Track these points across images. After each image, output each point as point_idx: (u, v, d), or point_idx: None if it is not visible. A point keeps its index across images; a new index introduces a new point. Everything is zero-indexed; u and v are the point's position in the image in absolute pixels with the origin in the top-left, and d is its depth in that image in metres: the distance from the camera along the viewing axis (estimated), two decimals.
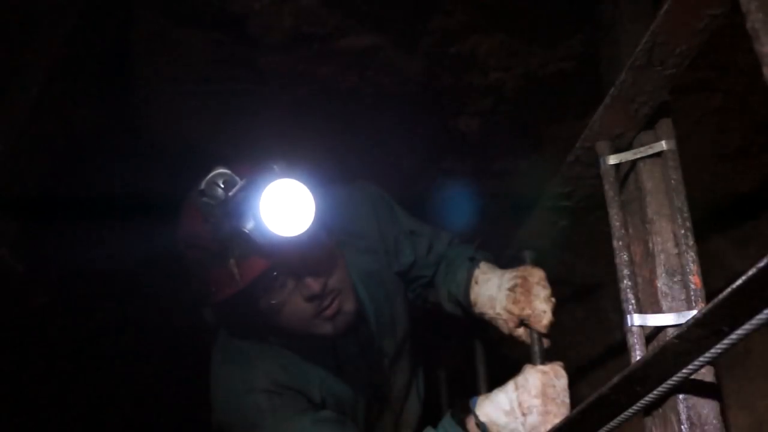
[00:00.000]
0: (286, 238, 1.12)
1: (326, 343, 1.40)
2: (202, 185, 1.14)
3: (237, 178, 1.14)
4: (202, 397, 1.47)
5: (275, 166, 1.20)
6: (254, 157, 1.28)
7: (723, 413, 1.05)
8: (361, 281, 1.49)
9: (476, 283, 1.52)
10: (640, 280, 1.23)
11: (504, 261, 1.69)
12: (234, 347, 1.41)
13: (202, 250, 1.19)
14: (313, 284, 1.22)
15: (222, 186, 1.13)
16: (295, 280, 1.22)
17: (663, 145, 1.22)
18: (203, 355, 1.47)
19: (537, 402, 1.21)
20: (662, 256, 1.18)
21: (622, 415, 0.99)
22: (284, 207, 1.13)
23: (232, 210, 1.12)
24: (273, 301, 1.23)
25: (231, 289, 1.19)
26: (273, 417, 1.31)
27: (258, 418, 1.31)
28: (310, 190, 1.17)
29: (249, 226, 1.12)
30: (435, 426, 1.32)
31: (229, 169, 1.16)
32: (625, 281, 1.20)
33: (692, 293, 1.10)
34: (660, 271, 1.17)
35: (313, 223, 1.15)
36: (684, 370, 0.79)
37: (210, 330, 1.47)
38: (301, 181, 1.18)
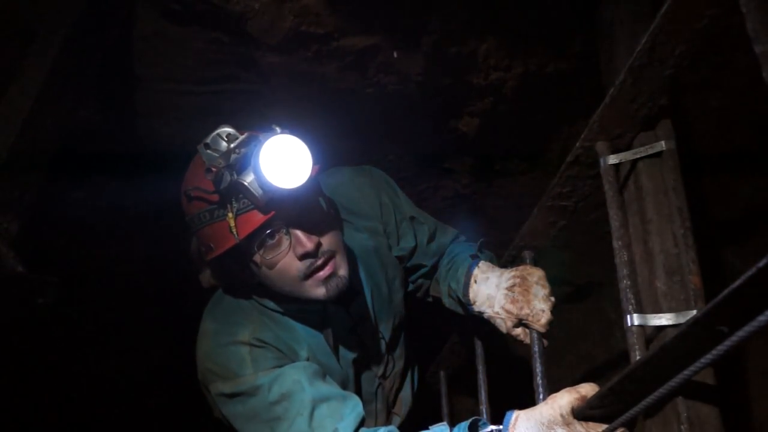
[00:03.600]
0: (284, 190, 1.16)
1: (317, 308, 1.41)
2: (208, 138, 1.20)
3: (239, 134, 1.21)
4: (202, 395, 1.47)
5: (277, 128, 1.24)
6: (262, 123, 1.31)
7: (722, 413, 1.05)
8: (359, 257, 1.50)
9: (475, 282, 1.52)
10: (640, 280, 1.23)
11: (504, 261, 1.69)
12: (223, 307, 1.43)
13: (203, 201, 1.23)
14: (307, 242, 1.25)
15: (225, 139, 1.19)
16: (290, 238, 1.24)
17: (663, 145, 1.22)
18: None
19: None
20: (662, 256, 1.18)
21: (623, 416, 0.99)
22: (283, 160, 1.17)
23: (233, 162, 1.17)
24: (268, 257, 1.26)
25: (228, 243, 1.23)
26: (253, 366, 1.33)
27: (237, 368, 1.33)
28: (314, 154, 1.23)
29: (248, 179, 1.17)
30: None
31: (234, 128, 1.22)
32: (625, 281, 1.20)
33: (692, 293, 1.10)
34: (660, 271, 1.17)
35: (310, 178, 1.19)
36: (684, 372, 0.79)
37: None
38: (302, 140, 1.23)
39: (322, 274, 1.29)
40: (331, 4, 1.59)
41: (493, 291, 1.48)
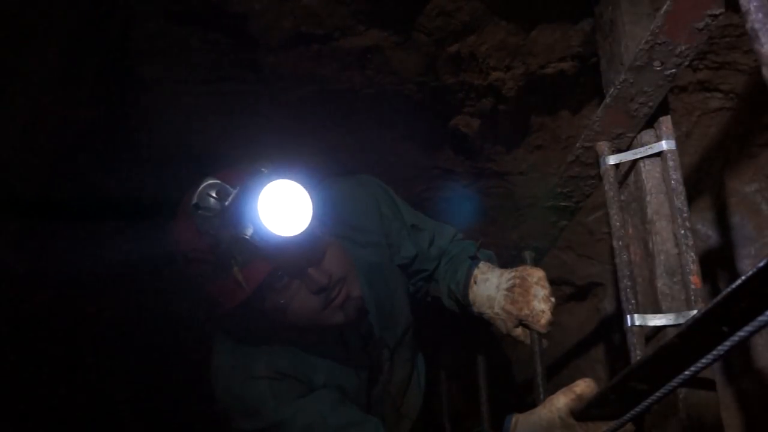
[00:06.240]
0: (288, 238, 1.13)
1: (334, 334, 1.41)
2: (195, 199, 1.14)
3: (229, 187, 1.14)
4: (202, 395, 1.47)
5: (264, 169, 1.21)
6: (239, 162, 1.27)
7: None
8: (362, 273, 1.49)
9: (475, 282, 1.52)
10: (640, 280, 1.23)
11: (504, 261, 1.69)
12: (235, 338, 1.42)
13: (203, 263, 1.19)
14: (320, 277, 1.23)
15: (215, 196, 1.13)
16: (300, 276, 1.23)
17: (663, 145, 1.22)
18: (204, 352, 1.48)
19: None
20: (662, 256, 1.18)
21: (624, 416, 0.99)
22: (282, 208, 1.13)
23: (229, 219, 1.12)
24: (282, 301, 1.23)
25: (239, 297, 1.19)
26: (274, 401, 1.32)
27: (259, 403, 1.32)
28: (304, 186, 1.18)
29: (249, 232, 1.12)
30: None
31: (218, 178, 1.15)
32: (625, 281, 1.20)
33: (692, 293, 1.10)
34: (660, 271, 1.17)
35: (311, 218, 1.16)
36: (685, 371, 0.79)
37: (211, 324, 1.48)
38: (293, 179, 1.18)
39: (338, 300, 1.27)
40: (331, 4, 1.59)
41: (493, 292, 1.48)
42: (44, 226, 1.78)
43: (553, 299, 1.43)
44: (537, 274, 1.44)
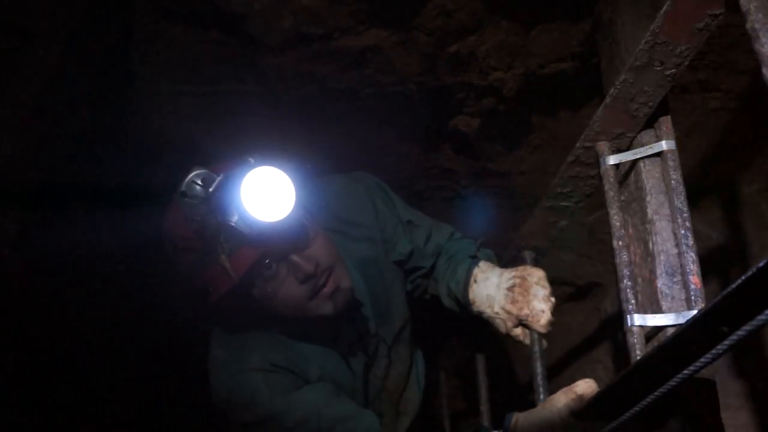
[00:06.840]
0: (272, 223, 1.14)
1: (329, 326, 1.41)
2: (182, 187, 1.16)
3: (214, 175, 1.16)
4: (202, 394, 1.47)
5: (251, 159, 1.21)
6: (234, 156, 1.28)
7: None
8: (357, 268, 1.49)
9: (475, 281, 1.52)
10: (640, 280, 1.23)
11: (504, 261, 1.69)
12: (230, 331, 1.42)
13: (191, 251, 1.21)
14: (306, 265, 1.24)
15: (201, 184, 1.15)
16: (287, 264, 1.24)
17: (663, 145, 1.22)
18: (202, 346, 1.48)
19: None
20: (662, 256, 1.18)
21: (623, 416, 0.99)
22: (265, 194, 1.14)
23: (215, 206, 1.14)
24: (269, 289, 1.24)
25: (226, 285, 1.20)
26: (268, 393, 1.32)
27: (255, 396, 1.33)
28: (289, 174, 1.19)
29: (234, 218, 1.13)
30: None
31: (205, 168, 1.18)
32: (625, 281, 1.20)
33: (692, 293, 1.10)
34: (660, 271, 1.17)
35: (295, 205, 1.17)
36: (684, 371, 0.79)
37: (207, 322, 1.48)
38: (278, 168, 1.19)
39: (327, 290, 1.27)
40: (332, 4, 1.59)
41: (493, 291, 1.48)
42: (44, 225, 1.78)
43: (553, 299, 1.43)
44: (537, 274, 1.44)
